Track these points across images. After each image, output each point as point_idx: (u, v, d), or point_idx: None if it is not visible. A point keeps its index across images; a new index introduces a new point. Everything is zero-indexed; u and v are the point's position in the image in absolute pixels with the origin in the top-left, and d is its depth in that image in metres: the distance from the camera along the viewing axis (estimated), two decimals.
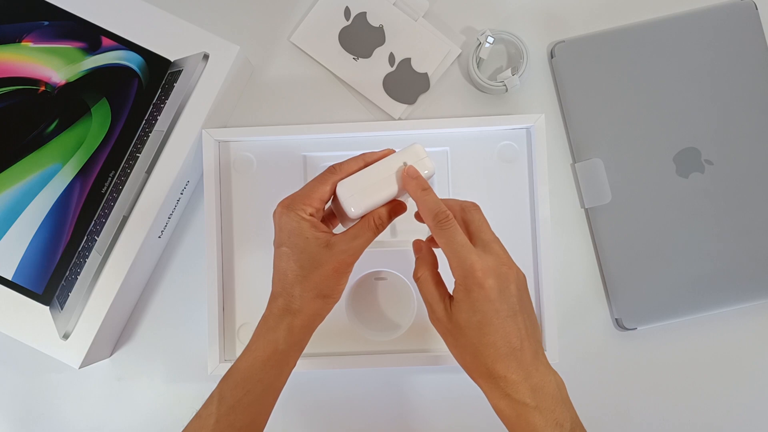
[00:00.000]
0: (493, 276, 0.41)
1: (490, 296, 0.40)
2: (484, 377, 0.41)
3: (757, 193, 0.59)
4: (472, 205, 0.45)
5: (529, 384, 0.40)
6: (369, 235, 0.44)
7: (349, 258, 0.44)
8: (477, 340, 0.41)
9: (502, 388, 0.41)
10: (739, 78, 0.60)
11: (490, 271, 0.41)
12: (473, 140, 0.59)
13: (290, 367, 0.46)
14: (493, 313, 0.40)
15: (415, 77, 0.62)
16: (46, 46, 0.57)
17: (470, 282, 0.41)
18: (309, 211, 0.44)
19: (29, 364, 0.62)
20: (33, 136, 0.56)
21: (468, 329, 0.41)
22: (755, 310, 0.60)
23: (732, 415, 0.60)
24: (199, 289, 0.60)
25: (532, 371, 0.41)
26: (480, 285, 0.40)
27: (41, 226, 0.56)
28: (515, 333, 0.41)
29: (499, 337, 0.40)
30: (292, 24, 0.63)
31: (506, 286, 0.41)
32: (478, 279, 0.40)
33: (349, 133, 0.59)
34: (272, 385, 0.45)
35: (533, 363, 0.41)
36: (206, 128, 0.57)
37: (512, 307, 0.41)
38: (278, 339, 0.44)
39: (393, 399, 0.61)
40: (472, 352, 0.41)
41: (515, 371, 0.40)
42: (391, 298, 0.60)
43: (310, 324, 0.45)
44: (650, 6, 0.62)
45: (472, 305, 0.41)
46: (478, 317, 0.41)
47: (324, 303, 0.45)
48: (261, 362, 0.44)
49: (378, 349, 0.59)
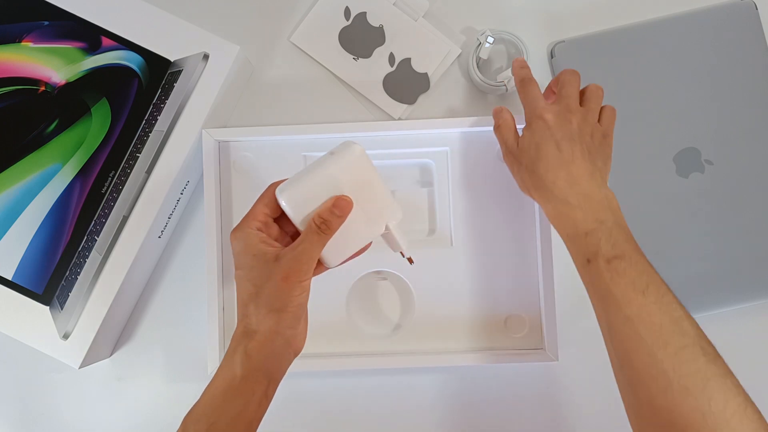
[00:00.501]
0: (552, 113, 0.49)
1: (548, 124, 0.48)
2: (538, 188, 0.48)
3: (757, 193, 0.59)
4: (567, 70, 0.52)
5: (576, 190, 0.46)
6: (313, 238, 0.42)
7: (297, 265, 0.42)
8: (535, 155, 0.48)
9: (552, 192, 0.47)
10: (739, 78, 0.60)
11: (550, 110, 0.49)
12: (473, 140, 0.59)
13: (257, 395, 0.42)
14: (549, 136, 0.48)
15: (415, 77, 0.62)
16: (46, 46, 0.57)
17: (533, 116, 0.50)
18: (254, 226, 0.44)
19: (29, 364, 0.62)
20: (33, 136, 0.56)
21: (529, 149, 0.49)
22: (755, 310, 0.60)
23: None
24: (199, 289, 0.60)
25: (581, 181, 0.46)
26: (540, 117, 0.49)
27: (41, 226, 0.56)
28: (568, 150, 0.47)
29: (551, 151, 0.47)
30: (292, 24, 0.63)
31: (567, 120, 0.48)
32: (539, 113, 0.49)
33: (349, 133, 0.59)
34: (240, 417, 0.41)
35: (585, 177, 0.47)
36: (206, 128, 0.57)
37: (568, 134, 0.48)
38: (235, 367, 0.42)
39: (393, 399, 0.61)
40: (530, 168, 0.49)
41: (564, 179, 0.47)
42: (391, 298, 0.60)
43: (268, 344, 0.42)
44: (650, 6, 0.62)
45: (532, 132, 0.49)
46: (536, 139, 0.48)
47: (278, 318, 0.42)
48: (221, 393, 0.42)
49: (378, 349, 0.59)
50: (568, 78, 0.51)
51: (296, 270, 0.42)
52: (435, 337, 0.58)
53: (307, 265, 0.42)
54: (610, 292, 0.43)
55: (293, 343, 0.44)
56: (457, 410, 0.61)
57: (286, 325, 0.43)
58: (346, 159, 0.44)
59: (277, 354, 0.43)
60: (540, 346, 0.59)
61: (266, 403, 0.43)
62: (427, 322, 0.58)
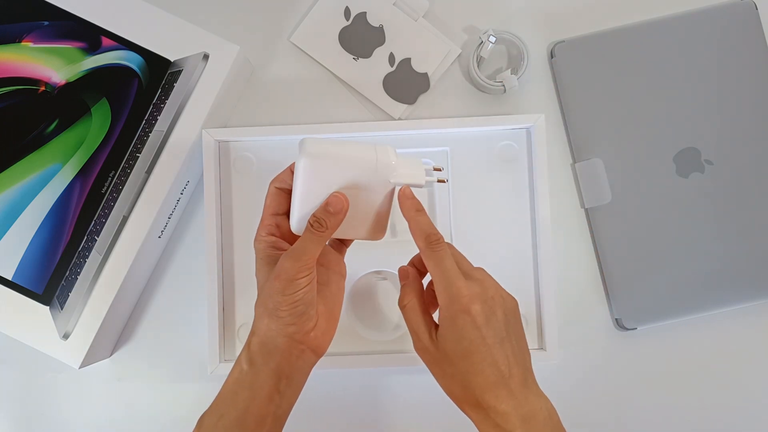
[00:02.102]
0: (479, 302, 0.40)
1: (476, 322, 0.40)
2: (474, 407, 0.41)
3: (757, 193, 0.59)
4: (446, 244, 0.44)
5: (520, 414, 0.39)
6: (308, 236, 0.42)
7: (289, 265, 0.41)
8: (464, 368, 0.40)
9: (492, 419, 0.40)
10: (739, 78, 0.60)
11: (476, 297, 0.40)
12: (473, 140, 0.59)
13: (265, 390, 0.42)
14: (479, 340, 0.40)
15: (415, 77, 0.62)
16: (46, 46, 0.57)
17: (456, 308, 0.40)
18: (265, 231, 0.45)
19: (29, 364, 0.62)
20: (33, 136, 0.56)
21: (455, 357, 0.40)
22: (755, 310, 0.60)
23: (732, 415, 0.60)
24: (199, 289, 0.60)
25: (521, 400, 0.40)
26: (466, 311, 0.40)
27: (41, 226, 0.56)
28: (503, 360, 0.40)
29: (486, 365, 0.40)
30: (292, 24, 0.63)
31: (493, 312, 0.41)
32: (464, 304, 0.40)
33: (349, 133, 0.59)
34: (249, 411, 0.42)
35: (523, 391, 0.40)
36: (206, 128, 0.57)
37: (499, 333, 0.40)
38: (241, 360, 0.43)
39: (392, 399, 0.61)
40: (460, 382, 0.41)
41: (505, 401, 0.40)
42: (391, 298, 0.60)
43: (268, 342, 0.42)
44: (650, 6, 0.62)
45: (458, 332, 0.40)
46: (465, 344, 0.40)
47: (271, 318, 0.42)
48: (231, 384, 0.43)
49: (378, 349, 0.59)
50: (456, 252, 0.44)
51: (287, 268, 0.41)
52: None
53: (300, 264, 0.42)
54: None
55: (305, 340, 0.43)
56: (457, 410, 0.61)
57: (284, 323, 0.42)
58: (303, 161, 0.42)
59: (283, 351, 0.42)
60: (540, 346, 0.59)
61: (280, 401, 0.43)
62: None
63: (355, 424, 0.61)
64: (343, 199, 0.43)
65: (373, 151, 0.43)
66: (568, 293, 0.61)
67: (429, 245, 0.42)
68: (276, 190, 0.45)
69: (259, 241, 0.45)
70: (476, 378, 0.40)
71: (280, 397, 0.43)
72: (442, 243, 0.42)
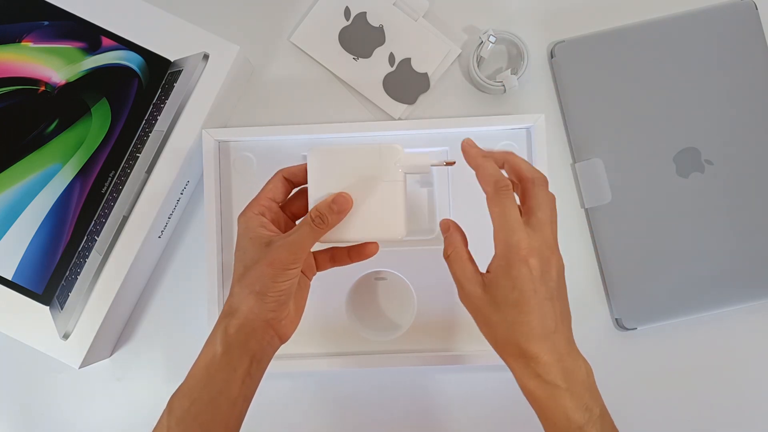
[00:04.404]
0: (537, 256, 0.40)
1: (532, 275, 0.40)
2: (516, 356, 0.41)
3: (757, 193, 0.59)
4: (541, 180, 0.43)
5: (561, 366, 0.40)
6: (305, 230, 0.43)
7: (285, 254, 0.42)
8: (512, 317, 0.40)
9: (533, 369, 0.40)
10: (739, 78, 0.60)
11: (535, 251, 0.40)
12: (473, 140, 0.59)
13: (239, 373, 0.43)
14: (532, 293, 0.40)
15: (415, 77, 0.62)
16: (46, 46, 0.57)
17: (514, 257, 0.40)
18: (257, 211, 0.45)
19: (29, 364, 0.62)
20: (33, 136, 0.56)
21: (505, 306, 0.41)
22: (755, 310, 0.60)
23: (732, 415, 0.60)
24: (199, 289, 0.60)
25: (564, 355, 0.41)
26: (524, 261, 0.40)
27: (41, 226, 0.56)
28: (551, 315, 0.41)
29: (535, 317, 0.40)
30: (292, 24, 0.63)
31: (548, 269, 0.41)
32: (523, 256, 0.40)
33: (349, 133, 0.59)
34: (223, 393, 0.42)
35: (566, 347, 0.41)
36: (206, 128, 0.57)
37: (550, 291, 0.41)
38: (216, 344, 0.43)
39: (392, 399, 0.61)
40: (505, 330, 0.41)
41: (548, 352, 0.40)
42: (391, 298, 0.60)
43: (247, 324, 0.43)
44: (650, 6, 0.62)
45: (512, 281, 0.40)
46: (516, 294, 0.40)
47: (257, 300, 0.42)
48: (202, 369, 0.43)
49: (378, 349, 0.59)
50: (543, 194, 0.42)
51: (283, 258, 0.42)
52: (435, 337, 0.58)
53: (295, 255, 0.42)
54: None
55: (276, 327, 0.44)
56: (457, 410, 0.61)
57: (267, 308, 0.43)
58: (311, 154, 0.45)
59: (258, 334, 0.43)
60: None
61: (250, 383, 0.44)
62: (426, 322, 0.58)
63: (355, 424, 0.61)
64: (348, 199, 0.44)
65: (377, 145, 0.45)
66: (568, 293, 0.61)
67: (498, 191, 0.42)
68: (282, 178, 0.47)
69: (250, 218, 0.45)
70: (522, 327, 0.40)
71: (250, 380, 0.44)
72: (510, 190, 0.42)
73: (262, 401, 0.60)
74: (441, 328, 0.58)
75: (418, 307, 0.59)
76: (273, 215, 0.46)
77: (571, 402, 0.40)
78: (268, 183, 0.47)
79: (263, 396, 0.60)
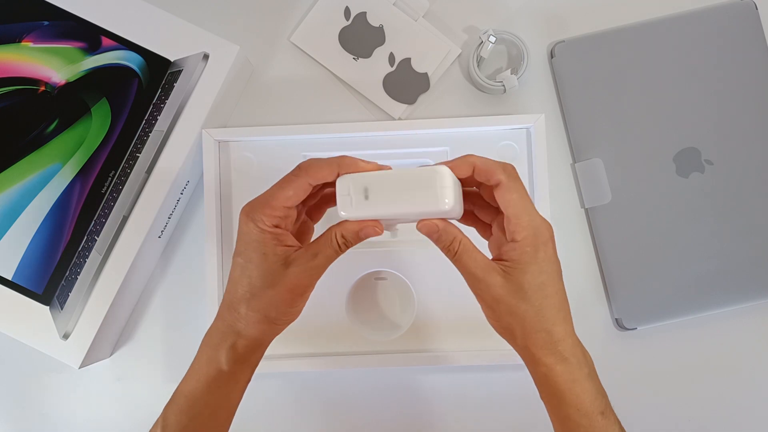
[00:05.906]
0: (552, 238, 0.39)
1: (554, 257, 0.39)
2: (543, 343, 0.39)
3: (757, 193, 0.59)
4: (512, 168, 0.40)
5: (580, 349, 0.40)
6: (330, 253, 0.40)
7: (307, 279, 0.40)
8: (539, 302, 0.38)
9: (561, 353, 0.39)
10: (739, 78, 0.60)
11: (551, 233, 0.39)
12: (473, 140, 0.59)
13: (240, 386, 0.43)
14: (554, 273, 0.39)
15: (415, 77, 0.62)
16: (46, 46, 0.57)
17: (540, 240, 0.38)
18: (271, 222, 0.39)
19: (29, 364, 0.62)
20: (33, 136, 0.56)
21: (531, 290, 0.38)
22: (755, 310, 0.60)
23: (732, 415, 0.60)
24: (199, 289, 0.60)
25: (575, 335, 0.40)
26: (547, 244, 0.38)
27: (41, 226, 0.56)
28: (565, 296, 0.40)
29: (558, 298, 0.39)
30: (292, 24, 0.63)
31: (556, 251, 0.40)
32: (546, 238, 0.38)
33: (349, 133, 0.59)
34: (222, 407, 0.42)
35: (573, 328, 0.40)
36: (206, 128, 0.57)
37: (560, 272, 0.40)
38: (221, 359, 0.41)
39: (392, 399, 0.61)
40: (533, 317, 0.38)
41: (570, 334, 0.39)
42: (391, 298, 0.60)
43: (259, 348, 0.42)
44: (650, 6, 0.62)
45: (539, 264, 0.38)
46: (543, 278, 0.38)
47: (269, 328, 0.41)
48: (205, 384, 0.41)
49: (378, 349, 0.59)
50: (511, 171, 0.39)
51: (304, 283, 0.40)
52: (435, 337, 0.58)
53: (315, 279, 0.41)
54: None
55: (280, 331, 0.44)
56: (457, 410, 0.61)
57: (276, 333, 0.43)
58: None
59: (264, 348, 0.43)
60: None
61: (246, 387, 0.44)
62: (426, 322, 0.58)
63: (355, 424, 0.61)
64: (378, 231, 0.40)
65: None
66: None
67: (510, 176, 0.39)
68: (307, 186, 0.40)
69: (261, 230, 0.39)
70: (550, 311, 0.39)
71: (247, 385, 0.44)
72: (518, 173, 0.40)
73: (262, 401, 0.61)
74: (441, 328, 0.58)
75: (418, 307, 0.59)
76: (288, 223, 0.41)
77: (592, 386, 0.39)
78: (287, 184, 0.40)
79: (262, 396, 0.61)
